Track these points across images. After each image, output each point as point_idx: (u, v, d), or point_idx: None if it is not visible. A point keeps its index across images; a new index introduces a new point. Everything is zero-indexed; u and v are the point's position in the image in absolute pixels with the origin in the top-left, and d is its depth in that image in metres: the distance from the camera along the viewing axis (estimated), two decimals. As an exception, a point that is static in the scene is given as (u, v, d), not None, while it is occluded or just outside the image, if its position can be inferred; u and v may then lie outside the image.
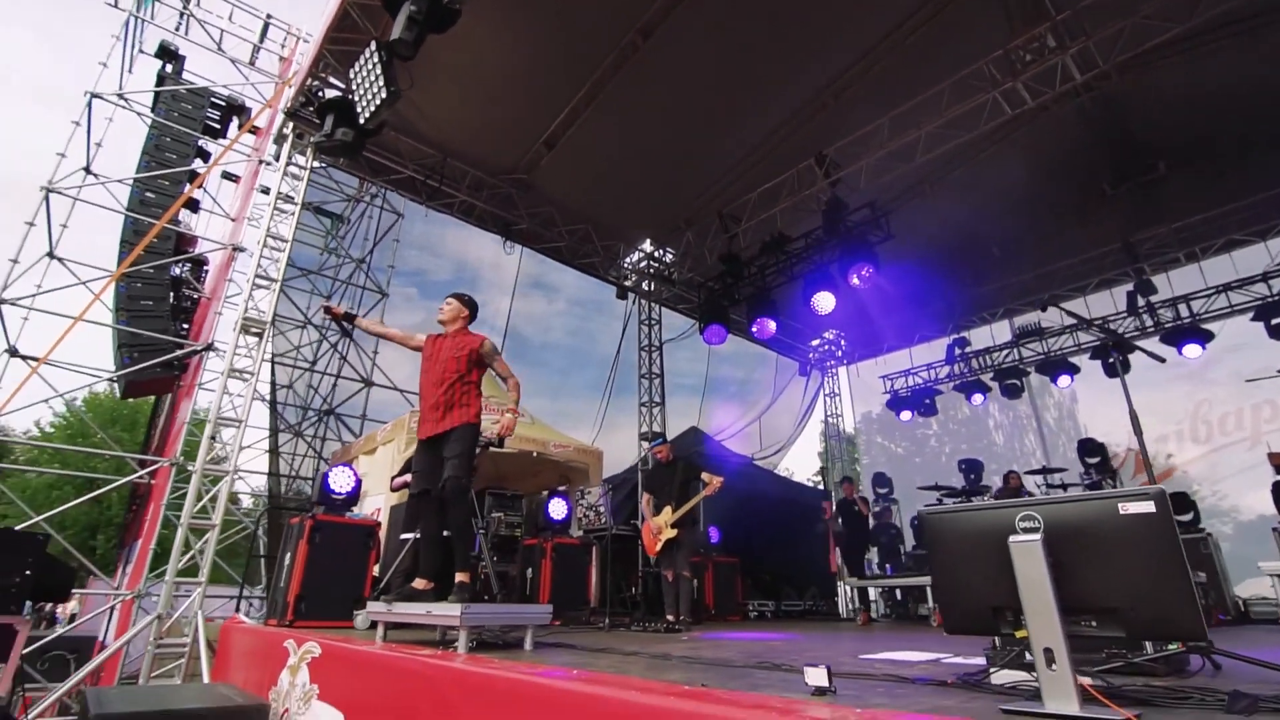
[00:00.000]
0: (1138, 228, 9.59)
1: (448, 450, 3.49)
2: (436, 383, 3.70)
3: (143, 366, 7.43)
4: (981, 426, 13.71)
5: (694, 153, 8.74)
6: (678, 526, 5.30)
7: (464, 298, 4.01)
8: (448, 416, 3.57)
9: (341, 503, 5.16)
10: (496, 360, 3.85)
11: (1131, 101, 7.73)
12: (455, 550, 3.40)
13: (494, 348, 3.83)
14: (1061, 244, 10.04)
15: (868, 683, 1.82)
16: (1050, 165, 8.69)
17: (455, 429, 3.53)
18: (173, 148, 8.76)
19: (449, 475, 3.40)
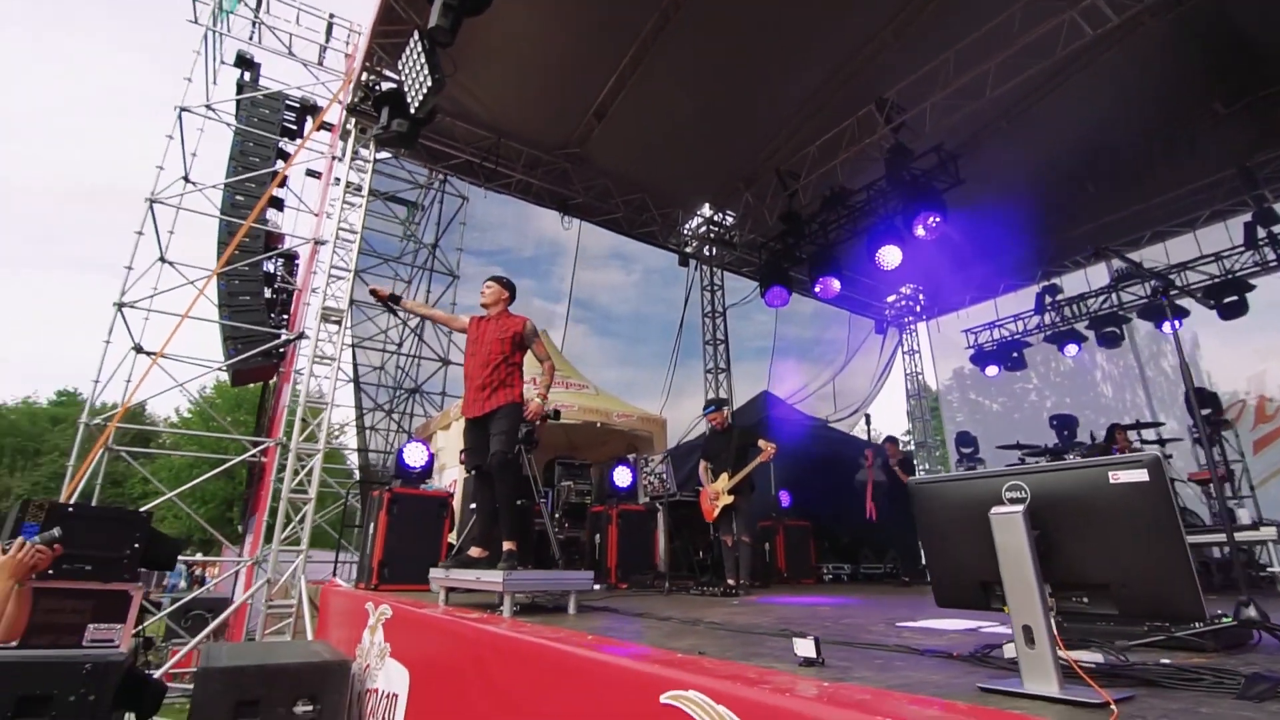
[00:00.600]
0: (1256, 149, 8.45)
1: (494, 427, 3.67)
2: (483, 365, 3.86)
3: (245, 356, 8.14)
4: (1087, 379, 12.68)
5: (747, 109, 8.45)
6: (734, 493, 5.32)
7: (503, 280, 4.14)
8: (494, 396, 3.73)
9: (416, 476, 5.53)
10: (536, 342, 3.96)
11: (1244, 3, 6.75)
12: (502, 520, 3.59)
13: (534, 330, 3.95)
14: (1165, 175, 9.01)
15: (871, 653, 1.81)
16: (1147, 88, 7.77)
17: (501, 408, 3.69)
18: (255, 151, 9.39)
19: (494, 451, 3.57)
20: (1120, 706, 1.13)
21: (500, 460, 3.55)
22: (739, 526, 5.32)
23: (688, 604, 3.99)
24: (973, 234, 10.40)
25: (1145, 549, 1.19)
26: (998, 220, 10.04)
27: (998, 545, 1.26)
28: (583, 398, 7.57)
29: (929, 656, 1.74)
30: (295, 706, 3.40)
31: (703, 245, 10.49)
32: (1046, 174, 9.32)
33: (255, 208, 8.16)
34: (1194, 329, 10.74)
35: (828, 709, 1.10)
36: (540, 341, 3.96)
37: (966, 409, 13.35)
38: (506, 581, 2.81)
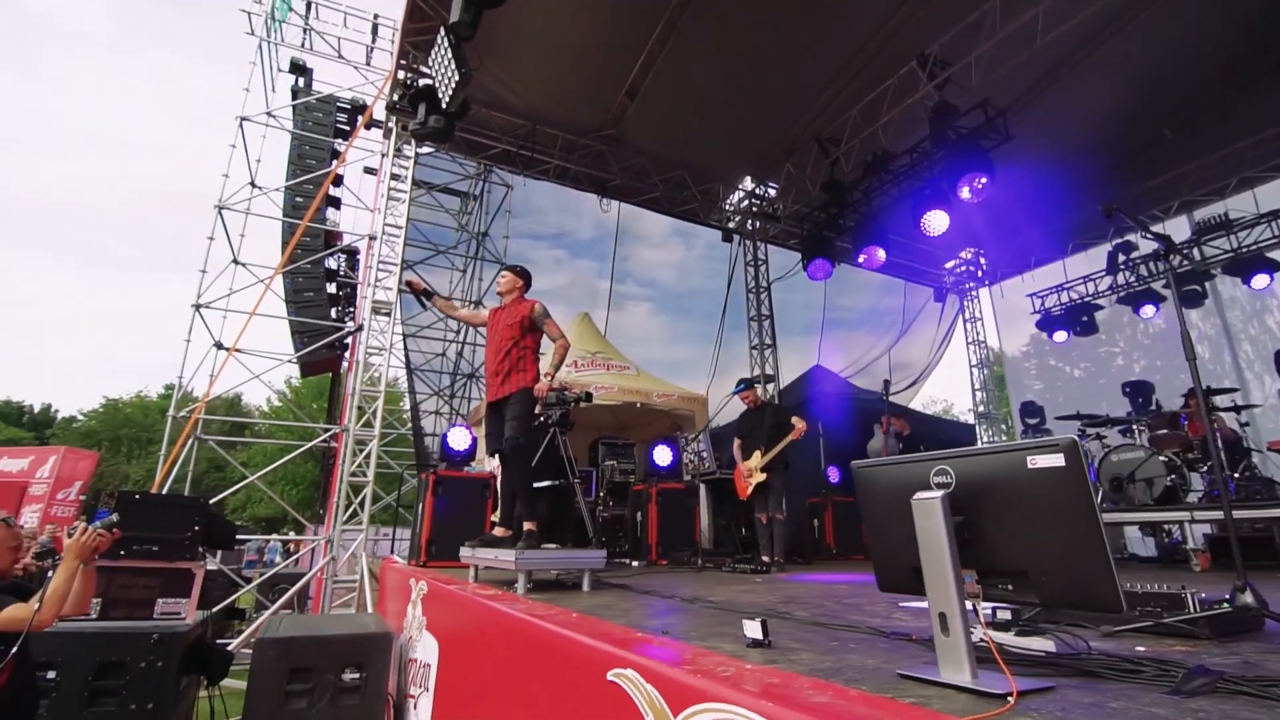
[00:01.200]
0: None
1: (508, 412, 3.81)
2: (496, 351, 4.01)
3: (311, 349, 8.69)
4: (1178, 342, 11.69)
5: (784, 76, 8.19)
6: (767, 470, 5.32)
7: (517, 269, 4.25)
8: (507, 382, 3.87)
9: (460, 459, 5.81)
10: (546, 323, 4.01)
11: None
12: (519, 502, 3.75)
13: (544, 311, 4.01)
14: (1251, 115, 8.15)
15: (836, 635, 1.83)
16: (1227, 17, 7.01)
17: (514, 394, 3.82)
18: (312, 154, 9.88)
19: (507, 436, 3.71)
20: (1031, 698, 1.13)
21: (513, 445, 3.69)
22: (772, 503, 5.32)
23: (710, 582, 4.05)
24: (1037, 193, 9.77)
25: (1062, 536, 1.16)
26: (1063, 176, 9.39)
27: (918, 530, 1.26)
28: (623, 379, 7.67)
29: (892, 639, 1.74)
30: (343, 674, 3.72)
31: (745, 220, 10.32)
32: (1116, 123, 8.61)
33: (310, 208, 8.62)
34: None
35: (728, 690, 1.14)
36: (551, 322, 4.01)
37: (1046, 376, 12.61)
38: (518, 560, 2.96)
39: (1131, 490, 5.73)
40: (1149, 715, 1.04)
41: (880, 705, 1.04)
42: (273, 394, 20.11)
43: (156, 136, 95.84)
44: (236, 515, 30.52)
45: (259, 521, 29.14)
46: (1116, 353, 12.75)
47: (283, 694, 3.56)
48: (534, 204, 12.41)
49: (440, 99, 6.37)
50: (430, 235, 13.46)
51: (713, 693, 1.17)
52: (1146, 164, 9.38)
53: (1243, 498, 5.49)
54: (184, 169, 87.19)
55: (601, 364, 7.87)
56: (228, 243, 9.03)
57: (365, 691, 3.70)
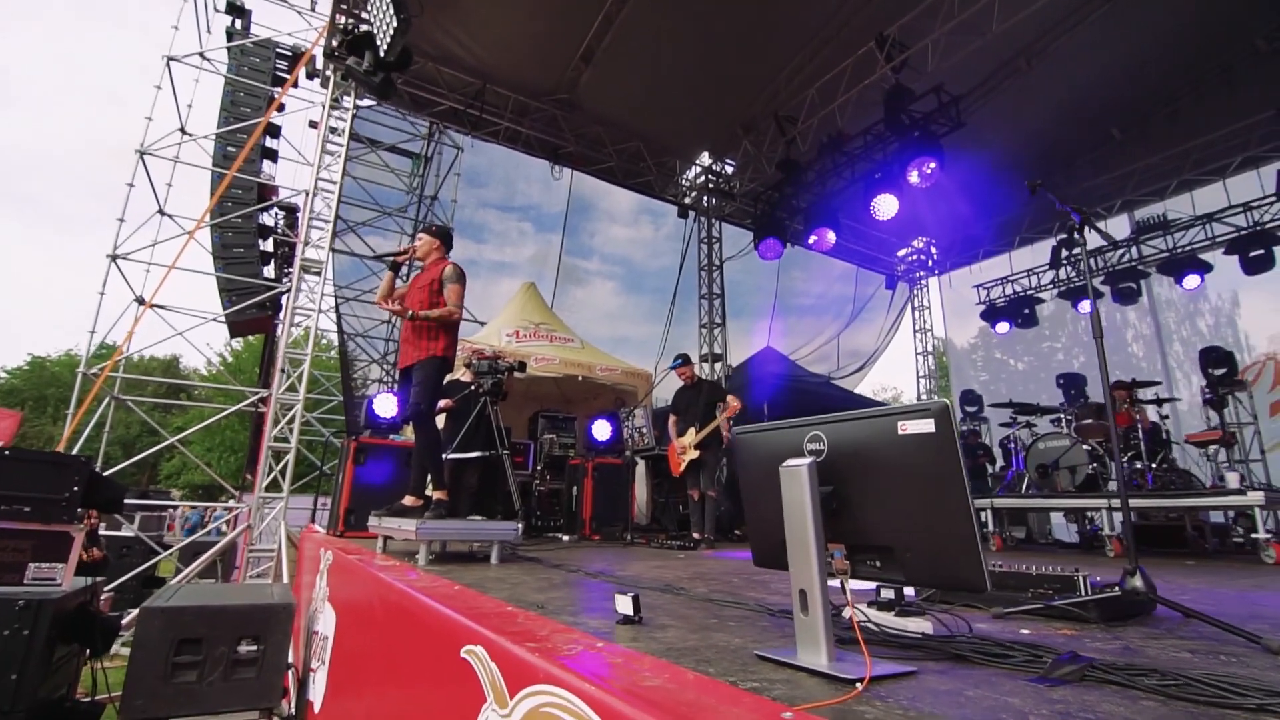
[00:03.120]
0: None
1: (414, 378, 3.61)
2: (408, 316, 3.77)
3: (239, 308, 8.24)
4: (1118, 338, 12.18)
5: (745, 49, 8.03)
6: (701, 448, 5.25)
7: (432, 228, 4.02)
8: (417, 348, 3.65)
9: (386, 427, 5.57)
10: (448, 287, 3.69)
11: None
12: (428, 471, 3.57)
13: (453, 273, 3.71)
14: (1196, 118, 8.38)
15: (716, 612, 1.74)
16: (1180, 23, 7.14)
17: (421, 360, 3.61)
18: (246, 101, 9.27)
19: (410, 403, 3.52)
20: (886, 684, 1.04)
21: (414, 413, 3.50)
22: (704, 480, 5.27)
23: (630, 557, 3.97)
24: (986, 184, 9.90)
25: (930, 508, 1.07)
26: (1013, 169, 9.52)
27: (784, 500, 1.16)
28: (566, 351, 7.50)
29: (775, 618, 1.66)
30: (239, 646, 3.51)
31: (701, 196, 10.18)
32: (1067, 119, 8.74)
33: (238, 158, 8.10)
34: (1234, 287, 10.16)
35: (559, 671, 1.03)
36: (455, 288, 3.66)
37: (990, 367, 12.93)
38: (419, 530, 2.80)
39: (1056, 477, 5.89)
40: (1003, 705, 0.96)
41: (712, 690, 0.94)
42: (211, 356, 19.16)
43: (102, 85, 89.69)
44: (171, 482, 29.30)
45: (195, 489, 28.05)
46: (1058, 347, 13.15)
47: (169, 665, 3.34)
48: (498, 173, 11.97)
49: (378, 47, 6.00)
50: (378, 196, 12.92)
51: (545, 673, 1.05)
52: (1093, 161, 9.59)
53: (1159, 487, 5.70)
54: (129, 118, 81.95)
55: (545, 335, 7.67)
56: (152, 192, 8.46)
57: (262, 664, 3.51)
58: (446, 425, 5.69)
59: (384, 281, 3.94)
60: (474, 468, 5.58)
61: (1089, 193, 10.02)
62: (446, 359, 3.68)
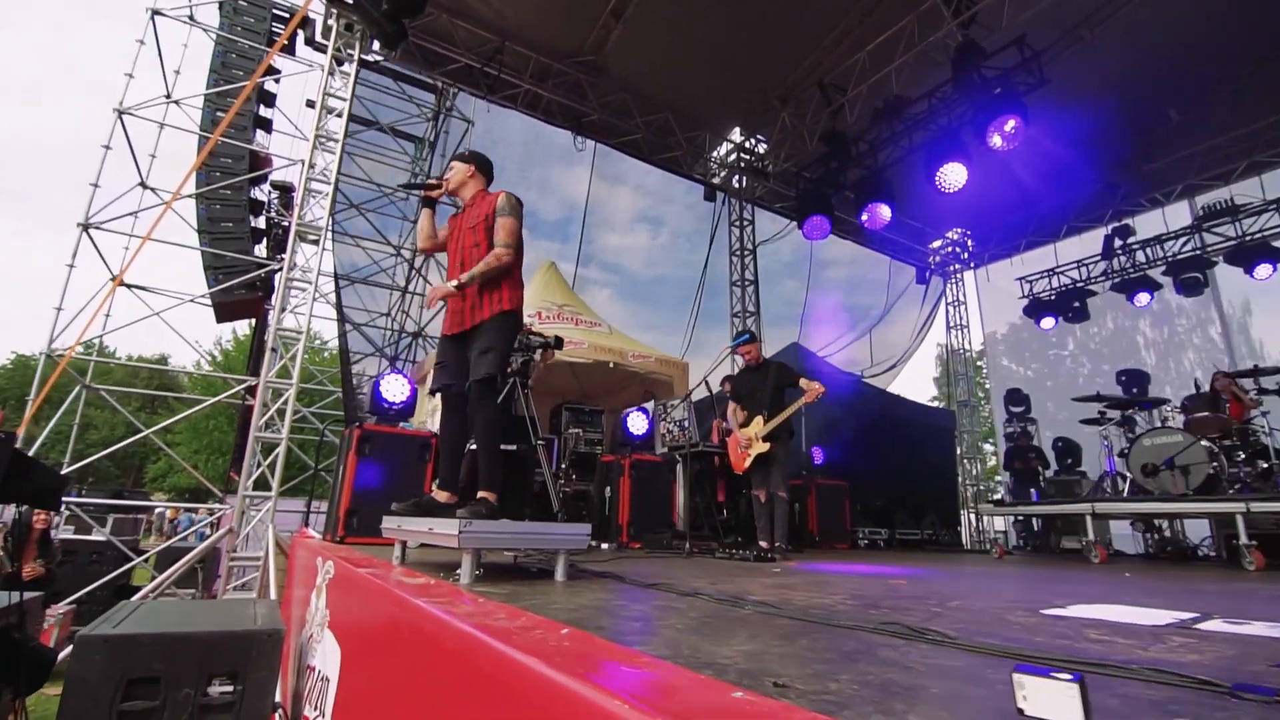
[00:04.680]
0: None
1: (477, 343, 2.78)
2: (458, 266, 2.96)
3: (226, 287, 7.40)
4: (1129, 344, 11.52)
5: (787, 11, 7.30)
6: (770, 439, 4.45)
7: (465, 154, 3.19)
8: (477, 306, 2.84)
9: (395, 413, 4.74)
10: (500, 220, 2.85)
11: None
12: (481, 463, 2.75)
13: (505, 205, 2.88)
14: (1264, 94, 7.68)
15: (1124, 688, 0.92)
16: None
17: (486, 321, 2.80)
18: (239, 64, 8.45)
19: (479, 374, 2.69)
20: None
21: (485, 385, 2.67)
22: (775, 478, 4.46)
23: (714, 570, 3.15)
24: (1031, 167, 9.18)
25: None
26: (1062, 152, 8.81)
27: None
28: (595, 335, 6.68)
29: (1240, 698, 0.85)
30: (210, 686, 2.66)
31: (731, 175, 9.42)
32: (1124, 95, 8.03)
33: (224, 119, 7.28)
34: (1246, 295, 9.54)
35: None
36: (507, 221, 2.84)
37: (999, 374, 12.24)
38: (463, 533, 1.98)
39: (1168, 478, 5.11)
40: None
41: None
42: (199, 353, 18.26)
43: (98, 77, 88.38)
44: (156, 485, 28.11)
45: (181, 493, 26.91)
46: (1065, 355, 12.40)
47: (113, 714, 2.49)
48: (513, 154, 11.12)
49: (390, -24, 5.21)
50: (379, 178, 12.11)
51: None
52: (1149, 144, 8.88)
53: (1277, 489, 4.93)
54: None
55: (570, 318, 6.86)
56: (133, 161, 7.64)
57: (240, 711, 2.67)
58: (465, 412, 4.86)
59: (421, 222, 3.14)
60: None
61: (1147, 178, 9.33)
62: (515, 312, 2.86)
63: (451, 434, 2.90)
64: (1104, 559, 5.16)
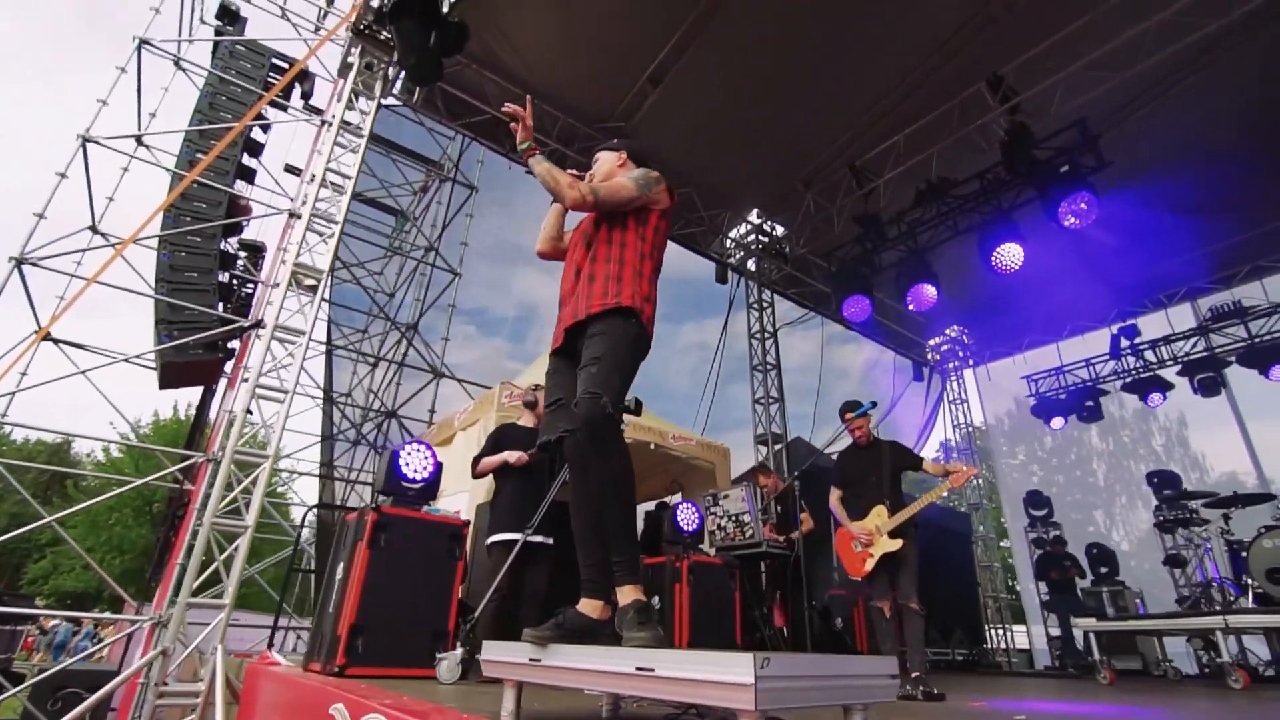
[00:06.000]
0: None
1: (586, 351, 1.91)
2: (576, 264, 2.14)
3: (181, 344, 6.24)
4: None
5: (821, 94, 7.24)
6: (898, 535, 3.59)
7: (614, 143, 2.49)
8: (584, 298, 2.00)
9: (416, 493, 3.66)
10: (635, 172, 2.19)
11: None
12: (610, 538, 1.80)
13: (641, 171, 2.18)
14: (1267, 202, 7.99)
15: None
16: (1250, 101, 6.70)
17: (597, 314, 1.95)
18: (229, 107, 7.73)
19: (585, 392, 1.79)
20: None
21: (596, 411, 1.76)
22: (906, 586, 3.55)
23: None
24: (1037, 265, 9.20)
25: None
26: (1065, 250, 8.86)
27: None
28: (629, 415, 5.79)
29: None
30: None
31: (747, 257, 9.05)
32: (1133, 197, 8.20)
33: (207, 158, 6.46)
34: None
35: None
36: (642, 173, 2.16)
37: (1046, 467, 11.88)
38: (763, 683, 1.04)
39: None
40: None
41: None
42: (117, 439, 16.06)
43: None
44: (35, 588, 23.99)
45: (63, 598, 23.02)
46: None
47: None
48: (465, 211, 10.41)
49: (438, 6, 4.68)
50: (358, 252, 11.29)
51: None
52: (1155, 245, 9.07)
53: None
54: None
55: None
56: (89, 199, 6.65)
57: None
58: (505, 492, 3.83)
59: (549, 217, 2.34)
60: (545, 560, 3.69)
61: (1149, 280, 9.48)
62: (641, 321, 2.00)
63: (584, 502, 1.93)
64: (1246, 684, 4.36)
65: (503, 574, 3.25)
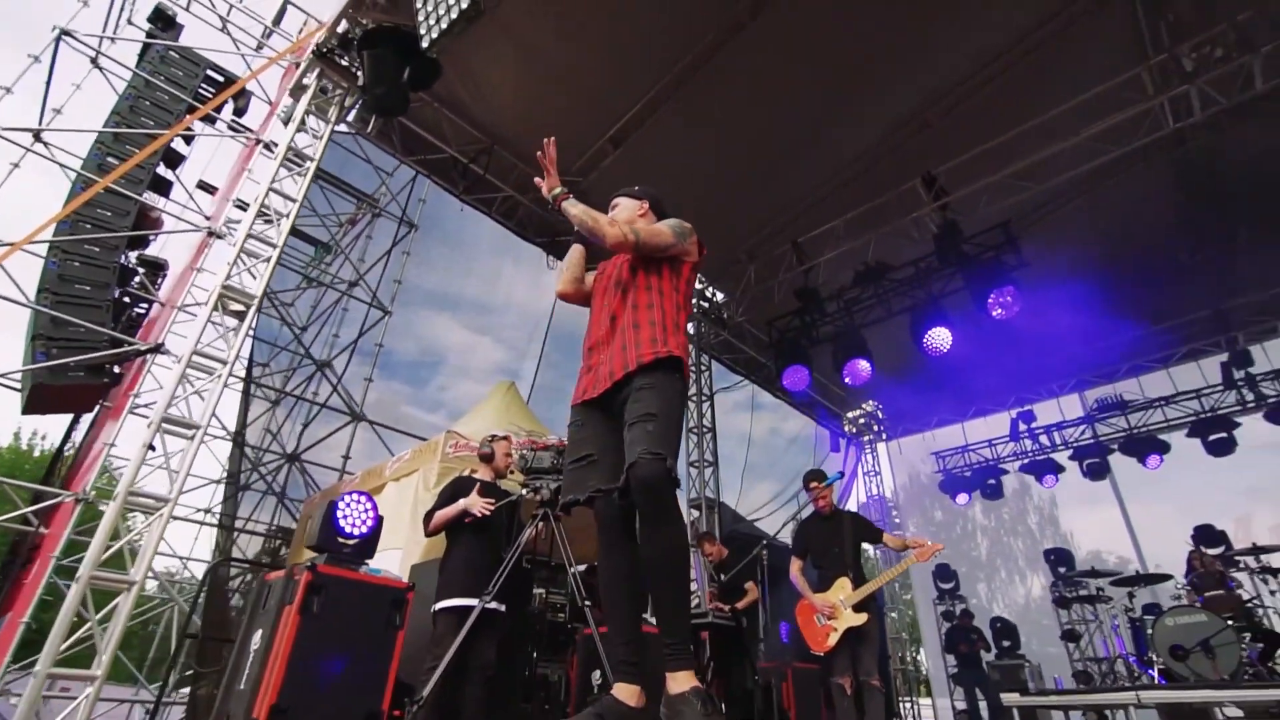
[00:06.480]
0: (1230, 293, 8.75)
1: (634, 406, 1.77)
2: (603, 312, 2.06)
3: (61, 364, 5.49)
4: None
5: (772, 172, 7.67)
6: (863, 610, 3.55)
7: (635, 189, 2.46)
8: (627, 347, 1.89)
9: (353, 549, 3.25)
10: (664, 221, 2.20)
11: (1231, 152, 6.95)
12: (662, 614, 1.64)
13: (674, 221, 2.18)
14: (1145, 309, 9.10)
15: None
16: (1133, 221, 7.78)
17: (647, 366, 1.83)
18: (152, 113, 7.16)
19: (644, 452, 1.66)
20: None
21: (652, 471, 1.63)
22: (867, 662, 3.49)
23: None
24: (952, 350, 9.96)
25: None
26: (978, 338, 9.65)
27: None
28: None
29: None
30: None
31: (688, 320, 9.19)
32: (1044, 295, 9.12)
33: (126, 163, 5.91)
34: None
35: None
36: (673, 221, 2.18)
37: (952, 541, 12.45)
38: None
39: (1205, 663, 4.80)
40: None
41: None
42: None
43: None
44: None
45: None
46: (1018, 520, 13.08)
47: None
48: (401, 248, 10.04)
49: (426, 33, 4.58)
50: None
51: None
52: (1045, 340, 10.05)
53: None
54: None
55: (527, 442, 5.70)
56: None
57: None
58: (457, 553, 3.50)
59: (570, 257, 2.23)
60: (497, 629, 3.37)
61: (1043, 370, 10.42)
62: (684, 375, 1.91)
63: (621, 578, 1.75)
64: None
65: (456, 646, 2.90)
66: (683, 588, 1.67)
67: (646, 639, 1.67)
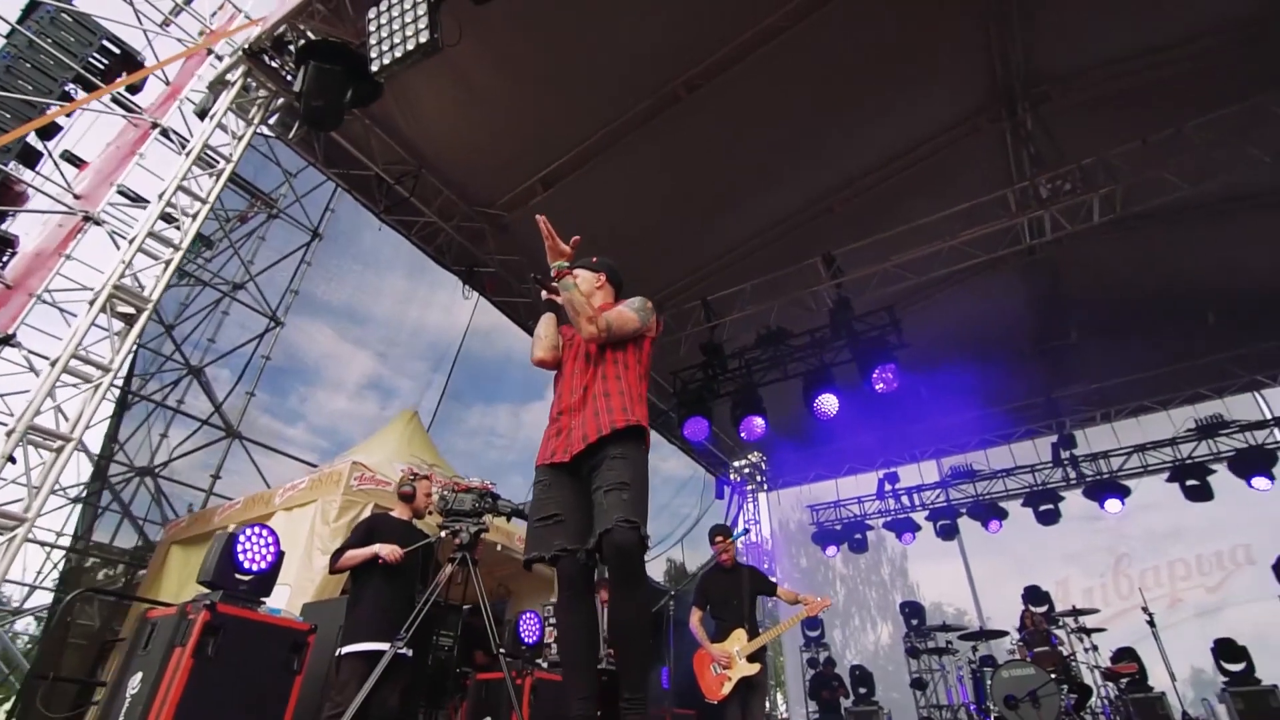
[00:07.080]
0: (1062, 384, 10.28)
1: (604, 476, 1.95)
2: (572, 379, 2.22)
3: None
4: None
5: (691, 231, 8.17)
6: (756, 660, 3.79)
7: (595, 262, 2.64)
8: (600, 414, 2.06)
9: (250, 586, 3.05)
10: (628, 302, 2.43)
11: (1070, 265, 8.39)
12: (625, 673, 1.77)
13: (638, 300, 2.42)
14: (992, 392, 10.46)
15: None
16: (989, 314, 9.09)
17: (619, 432, 2.02)
18: (32, 77, 6.49)
19: (619, 519, 1.83)
20: None
21: (632, 543, 1.81)
22: (757, 711, 3.73)
23: None
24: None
25: None
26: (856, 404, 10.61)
27: None
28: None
29: None
30: None
31: (597, 362, 9.37)
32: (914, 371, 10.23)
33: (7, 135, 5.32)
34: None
35: None
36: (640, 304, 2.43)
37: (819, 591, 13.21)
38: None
39: (1031, 712, 5.51)
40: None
41: None
42: None
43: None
44: None
45: None
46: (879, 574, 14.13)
47: None
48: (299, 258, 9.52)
49: (374, 59, 4.55)
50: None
51: None
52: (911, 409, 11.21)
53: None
54: None
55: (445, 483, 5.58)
56: None
57: None
58: (367, 595, 3.38)
59: (542, 327, 2.33)
60: (403, 674, 3.28)
61: (907, 437, 11.57)
62: (647, 443, 2.10)
63: (581, 634, 1.85)
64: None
65: (364, 693, 2.80)
66: (648, 646, 1.81)
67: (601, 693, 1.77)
